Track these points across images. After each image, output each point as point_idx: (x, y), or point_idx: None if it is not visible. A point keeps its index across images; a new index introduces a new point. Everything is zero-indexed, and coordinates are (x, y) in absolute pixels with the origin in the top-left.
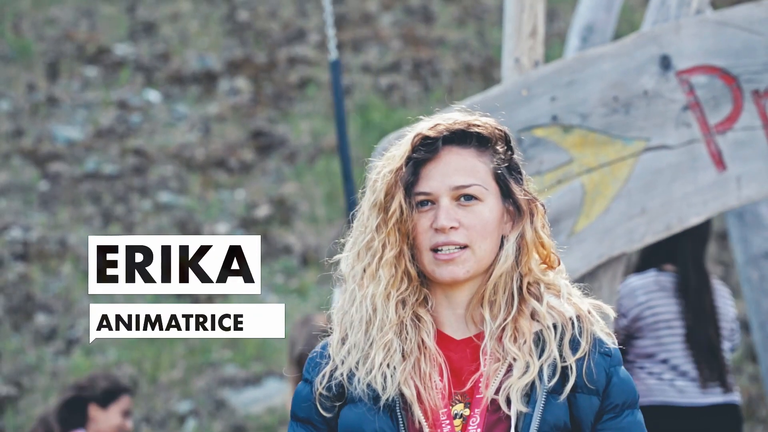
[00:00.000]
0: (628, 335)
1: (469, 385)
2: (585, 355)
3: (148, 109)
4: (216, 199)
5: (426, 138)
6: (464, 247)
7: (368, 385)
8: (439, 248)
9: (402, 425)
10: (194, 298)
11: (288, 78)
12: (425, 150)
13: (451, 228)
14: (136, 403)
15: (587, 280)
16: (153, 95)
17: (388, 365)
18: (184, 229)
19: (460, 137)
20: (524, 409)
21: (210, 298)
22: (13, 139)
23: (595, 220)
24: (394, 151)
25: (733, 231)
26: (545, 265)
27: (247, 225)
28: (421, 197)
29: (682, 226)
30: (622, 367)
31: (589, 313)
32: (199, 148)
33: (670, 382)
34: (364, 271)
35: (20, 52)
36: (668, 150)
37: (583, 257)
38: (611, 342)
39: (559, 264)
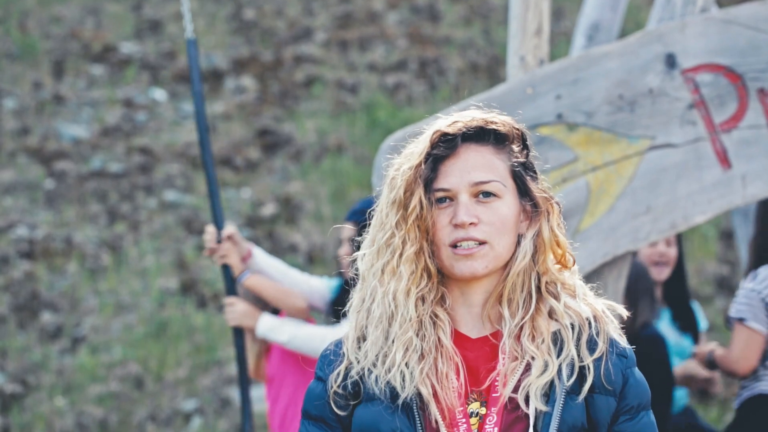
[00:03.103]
0: None
1: (486, 384)
2: (602, 355)
3: (153, 107)
4: (222, 197)
5: (445, 135)
6: (483, 243)
7: (387, 383)
8: (458, 244)
9: (419, 425)
10: (200, 297)
11: (294, 76)
12: (444, 147)
13: (471, 224)
14: (142, 401)
15: (592, 279)
16: (159, 93)
17: (407, 364)
18: (189, 227)
19: (479, 134)
20: (544, 408)
21: (216, 296)
22: (19, 137)
23: (599, 218)
24: (413, 148)
25: (739, 230)
26: (559, 265)
27: (252, 223)
28: (440, 194)
29: (687, 225)
30: (637, 369)
31: (604, 313)
32: None
33: None
34: (384, 267)
35: (26, 50)
36: (673, 148)
37: (588, 256)
38: (625, 343)
39: (574, 264)
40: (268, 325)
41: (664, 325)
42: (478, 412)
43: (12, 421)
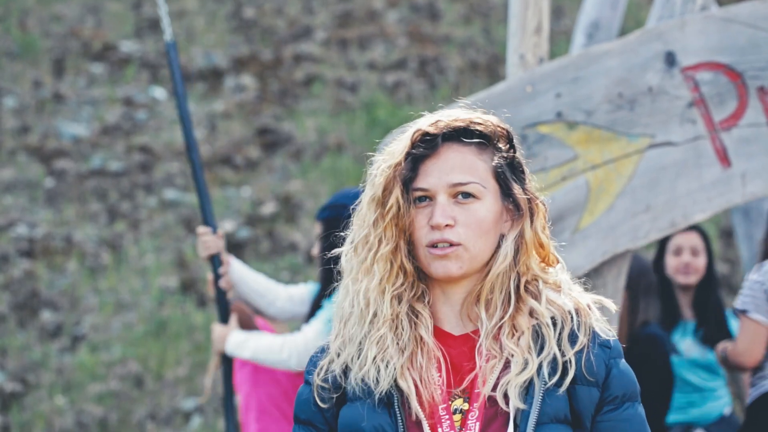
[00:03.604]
0: None
1: (466, 383)
2: (584, 347)
3: (153, 106)
4: (222, 196)
5: (426, 134)
6: (457, 245)
7: (362, 380)
8: (435, 245)
9: (400, 421)
10: (199, 296)
11: (294, 75)
12: (424, 146)
13: (446, 225)
14: (141, 399)
15: (592, 278)
16: (159, 92)
17: (382, 359)
18: (189, 226)
19: (461, 135)
20: (521, 406)
21: None
22: (18, 136)
23: (599, 217)
24: (394, 146)
25: (739, 228)
26: (544, 264)
27: (252, 222)
28: (419, 193)
29: (687, 223)
30: (623, 360)
31: (588, 306)
32: (205, 146)
33: None
34: (360, 265)
35: (26, 48)
36: (673, 147)
37: (588, 254)
38: (611, 334)
39: (558, 263)
40: (234, 344)
41: (688, 339)
42: (461, 409)
43: (12, 419)
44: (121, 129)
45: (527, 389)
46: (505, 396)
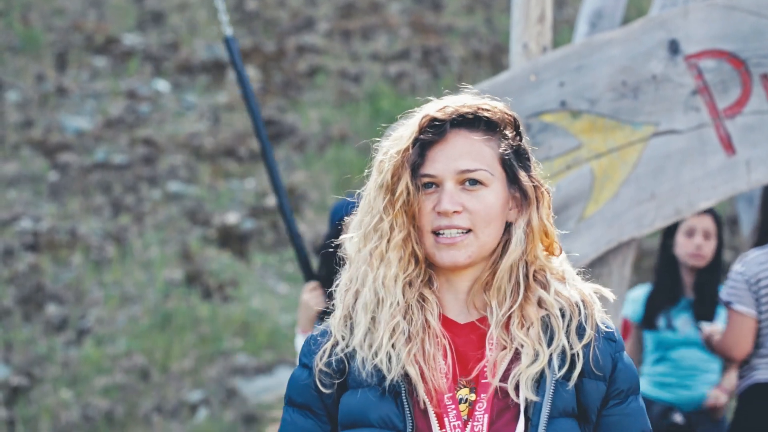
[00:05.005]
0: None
1: (475, 373)
2: (591, 341)
3: (157, 98)
4: (226, 188)
5: (434, 120)
6: (467, 231)
7: (374, 366)
8: (441, 231)
9: (408, 411)
10: (204, 288)
11: (297, 67)
12: (432, 132)
13: (454, 212)
14: (147, 392)
15: (597, 266)
16: (162, 85)
17: (393, 346)
18: (193, 218)
19: (469, 121)
20: (534, 398)
21: (221, 287)
22: (22, 130)
23: (604, 205)
24: (402, 131)
25: (743, 215)
26: (547, 252)
27: (257, 214)
28: (426, 179)
29: (692, 211)
30: (625, 353)
31: (591, 297)
32: (209, 138)
33: None
34: (372, 252)
35: (29, 42)
36: (677, 134)
37: (593, 242)
38: (612, 327)
39: (561, 252)
40: None
41: (684, 316)
42: (467, 399)
43: (18, 413)
44: (124, 122)
45: (538, 381)
46: (516, 387)
